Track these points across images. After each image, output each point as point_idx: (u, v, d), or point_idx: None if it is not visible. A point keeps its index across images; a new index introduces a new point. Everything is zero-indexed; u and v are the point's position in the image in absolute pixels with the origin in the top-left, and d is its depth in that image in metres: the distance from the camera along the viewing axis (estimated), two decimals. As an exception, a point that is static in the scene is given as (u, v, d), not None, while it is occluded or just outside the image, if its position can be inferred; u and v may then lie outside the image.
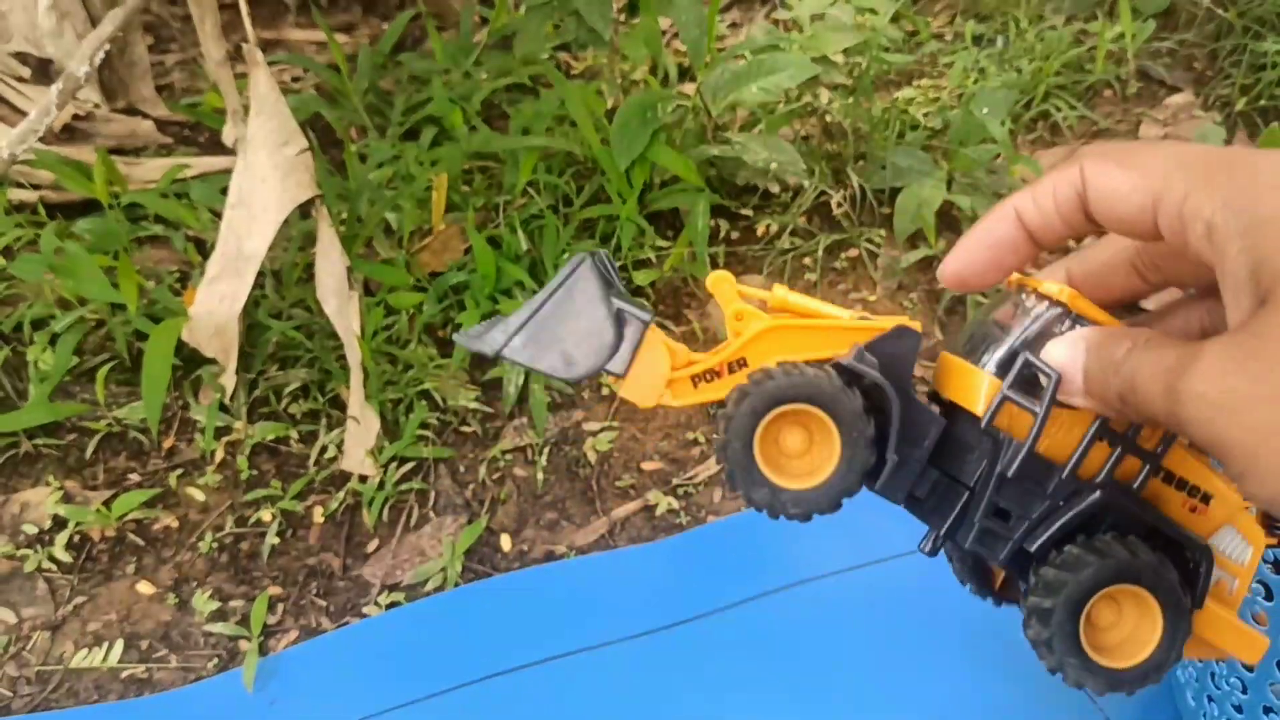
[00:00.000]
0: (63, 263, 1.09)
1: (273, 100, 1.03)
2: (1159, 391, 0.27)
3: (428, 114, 1.46)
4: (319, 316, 1.13)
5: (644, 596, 0.94)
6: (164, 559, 1.02)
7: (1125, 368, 0.28)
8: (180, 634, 0.95)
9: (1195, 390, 0.26)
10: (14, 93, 1.49)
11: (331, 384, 1.12)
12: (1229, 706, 0.70)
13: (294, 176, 1.03)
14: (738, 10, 1.90)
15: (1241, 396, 0.25)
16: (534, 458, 1.09)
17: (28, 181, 1.30)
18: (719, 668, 0.87)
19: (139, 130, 1.54)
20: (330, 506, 1.05)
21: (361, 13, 1.99)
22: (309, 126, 1.43)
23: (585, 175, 1.33)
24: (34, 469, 1.09)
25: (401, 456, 1.06)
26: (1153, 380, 0.27)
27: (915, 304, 1.26)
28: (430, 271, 1.24)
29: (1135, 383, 0.28)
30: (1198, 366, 0.26)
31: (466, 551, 1.00)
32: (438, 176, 1.26)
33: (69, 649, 0.95)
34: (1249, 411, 0.24)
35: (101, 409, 1.11)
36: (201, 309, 1.06)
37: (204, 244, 1.26)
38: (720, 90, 1.30)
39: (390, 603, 0.96)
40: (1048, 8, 1.72)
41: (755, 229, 1.37)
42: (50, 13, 1.35)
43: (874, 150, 1.39)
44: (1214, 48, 1.60)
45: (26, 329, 1.13)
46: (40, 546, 1.01)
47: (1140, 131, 1.49)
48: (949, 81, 1.58)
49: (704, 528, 1.00)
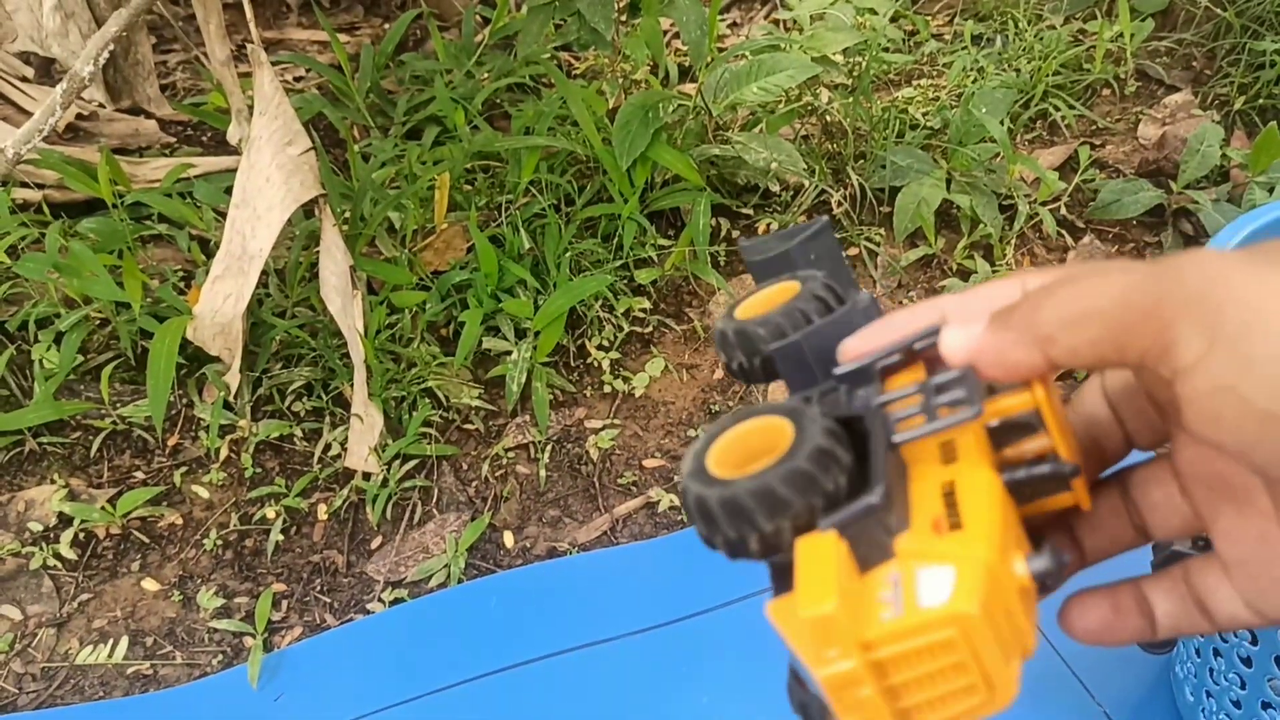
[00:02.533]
0: (67, 262, 1.10)
1: (277, 100, 1.04)
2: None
3: (430, 113, 1.47)
4: (323, 315, 1.14)
5: (646, 593, 0.94)
6: (169, 556, 1.03)
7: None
8: (185, 630, 0.96)
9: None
10: (18, 92, 1.50)
11: (335, 382, 1.13)
12: (1227, 701, 0.71)
13: (298, 176, 1.03)
14: (738, 10, 1.90)
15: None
16: (536, 455, 1.10)
17: (32, 181, 1.31)
18: (721, 664, 0.88)
19: (142, 130, 1.54)
20: (334, 504, 1.05)
21: (363, 13, 2.00)
22: (312, 126, 1.43)
23: (587, 175, 1.34)
24: (39, 467, 1.10)
25: (405, 454, 1.06)
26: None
27: (914, 302, 1.26)
28: (433, 270, 1.24)
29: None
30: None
31: (469, 548, 1.00)
32: (440, 176, 1.27)
33: (74, 646, 0.95)
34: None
35: (106, 407, 1.11)
36: (206, 308, 1.07)
37: (208, 243, 1.27)
38: (721, 90, 1.31)
39: (394, 599, 0.96)
40: (1046, 8, 1.72)
41: (756, 228, 1.37)
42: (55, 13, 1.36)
43: (873, 149, 1.39)
44: (1212, 47, 1.61)
45: (31, 327, 1.13)
46: (45, 544, 1.02)
47: (1139, 130, 1.50)
48: (948, 81, 1.59)
49: (705, 525, 1.01)
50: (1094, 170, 1.42)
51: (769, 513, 0.26)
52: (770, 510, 0.26)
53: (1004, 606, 0.25)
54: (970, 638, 0.24)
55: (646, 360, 1.20)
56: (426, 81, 1.56)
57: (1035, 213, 1.32)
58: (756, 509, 0.26)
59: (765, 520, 0.26)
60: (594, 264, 1.24)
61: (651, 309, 1.25)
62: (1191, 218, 1.30)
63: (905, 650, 0.24)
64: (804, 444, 0.26)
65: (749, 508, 0.26)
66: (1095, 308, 0.23)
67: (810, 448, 0.26)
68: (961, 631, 0.24)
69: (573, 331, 1.21)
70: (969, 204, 1.29)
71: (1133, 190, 1.32)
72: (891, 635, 0.24)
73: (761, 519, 0.26)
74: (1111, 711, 0.82)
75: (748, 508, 0.26)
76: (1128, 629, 0.28)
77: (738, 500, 0.26)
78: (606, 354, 1.19)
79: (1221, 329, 0.22)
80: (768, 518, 0.26)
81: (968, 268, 1.27)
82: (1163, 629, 0.29)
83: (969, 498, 0.26)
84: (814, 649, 0.24)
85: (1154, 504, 0.30)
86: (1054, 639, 0.80)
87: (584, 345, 1.20)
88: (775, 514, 0.26)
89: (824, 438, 0.26)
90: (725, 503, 0.26)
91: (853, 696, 0.25)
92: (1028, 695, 0.90)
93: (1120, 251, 1.32)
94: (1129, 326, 0.23)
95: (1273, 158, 1.25)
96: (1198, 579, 0.28)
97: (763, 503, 0.26)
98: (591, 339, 1.20)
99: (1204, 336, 0.22)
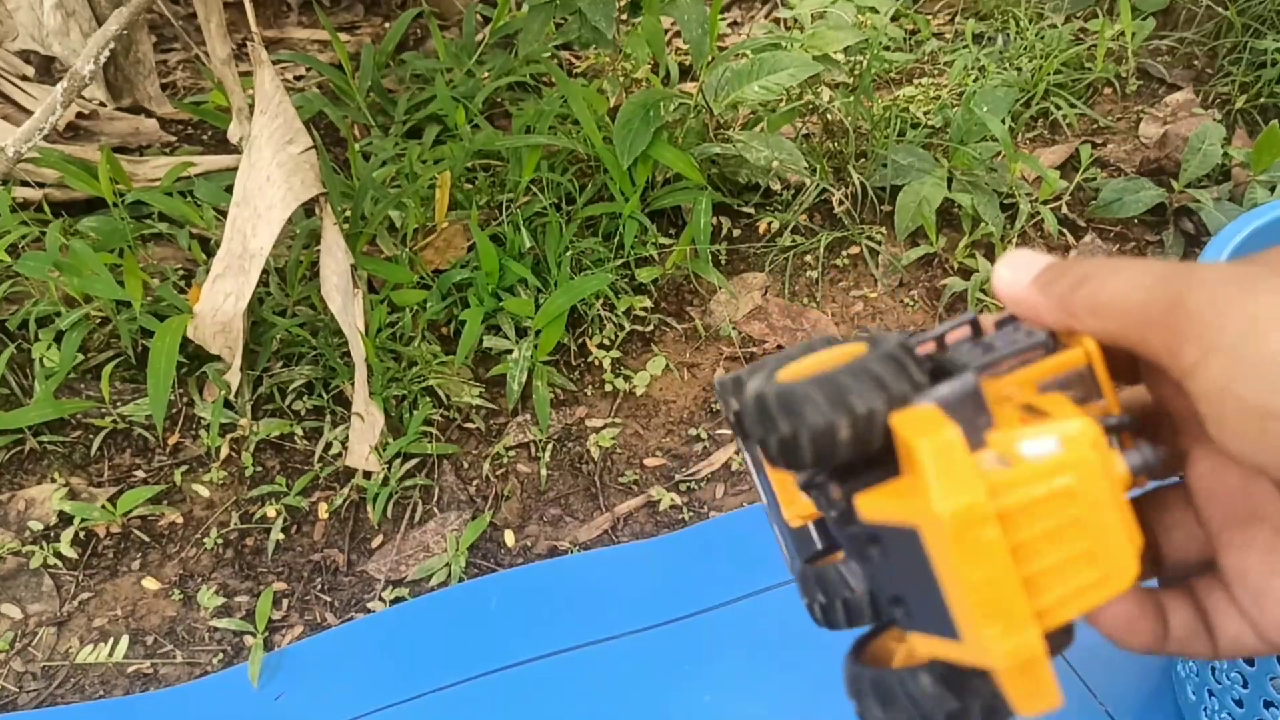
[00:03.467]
0: (68, 260, 1.10)
1: (278, 99, 1.04)
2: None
3: (431, 112, 1.47)
4: (323, 314, 1.14)
5: (647, 591, 0.94)
6: (169, 555, 1.02)
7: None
8: (185, 629, 0.96)
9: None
10: (18, 91, 1.49)
11: (336, 381, 1.13)
12: (1229, 701, 0.70)
13: (299, 175, 1.03)
14: (738, 9, 1.90)
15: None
16: (537, 454, 1.09)
17: (33, 180, 1.31)
18: (722, 662, 0.88)
19: (142, 128, 1.54)
20: (335, 502, 1.05)
21: (364, 12, 2.00)
22: (312, 125, 1.43)
23: (588, 173, 1.34)
24: (39, 465, 1.10)
25: (405, 453, 1.06)
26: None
27: (916, 301, 1.26)
28: (434, 269, 1.24)
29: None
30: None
31: (470, 547, 1.00)
32: (441, 175, 1.26)
33: (75, 644, 0.95)
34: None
35: (106, 406, 1.11)
36: (206, 306, 1.07)
37: (208, 242, 1.27)
38: (722, 89, 1.31)
39: (395, 598, 0.96)
40: (1047, 6, 1.72)
41: (757, 227, 1.37)
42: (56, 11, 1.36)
43: (875, 148, 1.39)
44: (1214, 45, 1.61)
45: (32, 326, 1.13)
46: (46, 543, 1.02)
47: (1140, 129, 1.50)
48: (949, 80, 1.58)
49: (706, 523, 1.01)
50: (1095, 169, 1.42)
51: (865, 390, 0.24)
52: (867, 387, 0.24)
53: (1111, 481, 0.24)
54: (1090, 490, 0.23)
55: (647, 359, 1.19)
56: (427, 80, 1.56)
57: (1037, 211, 1.32)
58: (854, 386, 0.24)
59: (860, 399, 0.24)
60: (595, 263, 1.24)
61: (652, 308, 1.25)
62: (1193, 216, 1.30)
63: (1028, 499, 0.23)
64: (888, 343, 0.26)
65: (845, 386, 0.24)
66: (1119, 304, 0.26)
67: (896, 343, 0.25)
68: (1080, 479, 0.23)
69: (574, 330, 1.21)
70: (970, 203, 1.29)
71: (1134, 189, 1.32)
72: (1012, 482, 0.23)
73: (856, 399, 0.24)
74: (1113, 711, 0.82)
75: (844, 386, 0.24)
76: (1148, 631, 0.28)
77: (834, 380, 0.24)
78: (607, 353, 1.19)
79: (1221, 333, 0.23)
80: (862, 396, 0.24)
81: (969, 266, 1.27)
82: (1173, 641, 0.29)
83: (1052, 407, 0.26)
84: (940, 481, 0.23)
85: (1167, 526, 0.30)
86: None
87: (585, 344, 1.20)
88: (871, 392, 0.24)
89: (902, 337, 0.26)
90: (818, 385, 0.24)
91: (976, 539, 0.23)
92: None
93: (1121, 250, 1.32)
94: (1144, 325, 0.25)
95: (1274, 157, 1.25)
96: (1205, 596, 0.29)
97: (860, 379, 0.24)
98: (592, 338, 1.20)
99: (1204, 340, 0.23)
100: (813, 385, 0.25)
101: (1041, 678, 0.23)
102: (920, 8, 1.83)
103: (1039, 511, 0.23)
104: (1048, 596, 0.23)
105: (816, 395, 0.24)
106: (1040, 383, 0.27)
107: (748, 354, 1.20)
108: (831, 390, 0.24)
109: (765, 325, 1.23)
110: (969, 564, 0.23)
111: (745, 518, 1.01)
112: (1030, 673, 0.23)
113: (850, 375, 0.24)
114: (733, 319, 1.24)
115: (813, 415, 0.24)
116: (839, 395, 0.24)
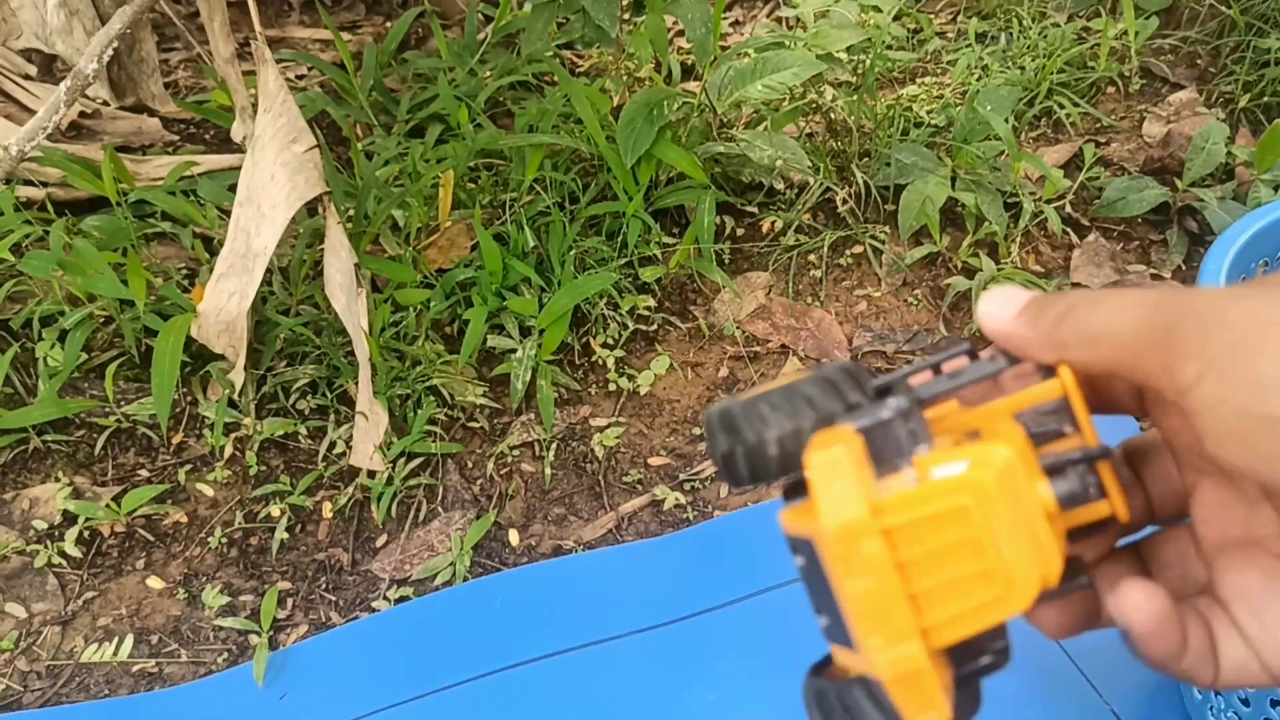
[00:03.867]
0: (72, 259, 1.09)
1: (281, 97, 1.04)
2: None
3: (433, 111, 1.46)
4: (327, 313, 1.14)
5: (651, 591, 0.94)
6: (174, 554, 1.02)
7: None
8: (190, 629, 0.96)
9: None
10: (21, 90, 1.49)
11: (340, 380, 1.13)
12: (1235, 700, 0.70)
13: (302, 174, 1.03)
14: (740, 9, 1.90)
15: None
16: (542, 453, 1.09)
17: (36, 179, 1.31)
18: (726, 661, 0.88)
19: (145, 128, 1.54)
20: (339, 502, 1.05)
21: (365, 11, 2.00)
22: (315, 124, 1.43)
23: (591, 172, 1.34)
24: (44, 465, 1.10)
25: (410, 452, 1.06)
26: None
27: (919, 300, 1.26)
28: (437, 268, 1.24)
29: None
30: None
31: (475, 546, 1.00)
32: (444, 174, 1.26)
33: (79, 644, 0.95)
34: None
35: (110, 405, 1.11)
36: (210, 305, 1.07)
37: (212, 241, 1.27)
38: (725, 88, 1.31)
39: (399, 597, 0.96)
40: (1050, 5, 1.72)
41: (760, 226, 1.37)
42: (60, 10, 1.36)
43: (878, 147, 1.39)
44: (1217, 44, 1.61)
45: (36, 325, 1.13)
46: (50, 542, 1.02)
47: (1144, 128, 1.49)
48: (952, 79, 1.58)
49: (711, 522, 1.01)
50: (1099, 168, 1.42)
51: (790, 410, 0.26)
52: (792, 408, 0.26)
53: (1023, 506, 0.24)
54: (985, 510, 0.23)
55: (651, 358, 1.19)
56: (429, 79, 1.56)
57: (1040, 210, 1.31)
58: (782, 405, 0.26)
59: (786, 419, 0.26)
60: (598, 262, 1.24)
61: (656, 307, 1.25)
62: (1197, 215, 1.30)
63: (916, 517, 0.23)
64: (831, 366, 0.27)
65: (776, 404, 0.26)
66: (1111, 332, 0.26)
67: (836, 365, 0.27)
68: (976, 500, 0.23)
69: (577, 329, 1.21)
70: (974, 202, 1.29)
71: (1138, 188, 1.32)
72: (903, 501, 0.24)
73: (781, 419, 0.26)
74: (1119, 710, 0.82)
75: (775, 404, 0.26)
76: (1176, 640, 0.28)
77: (768, 398, 0.26)
78: (611, 352, 1.19)
79: (1214, 352, 0.24)
80: (789, 416, 0.25)
81: (973, 265, 1.27)
82: (1189, 656, 0.28)
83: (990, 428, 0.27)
84: (826, 500, 0.24)
85: (1165, 563, 0.31)
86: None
87: (589, 343, 1.20)
88: (797, 412, 0.26)
89: (850, 365, 0.27)
90: (748, 406, 0.26)
91: (857, 553, 0.23)
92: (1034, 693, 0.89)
93: (1125, 249, 1.32)
94: (1139, 351, 0.25)
95: (1278, 156, 1.25)
96: (1210, 617, 0.29)
97: (789, 400, 0.26)
98: (596, 337, 1.20)
99: (1198, 358, 0.24)
100: (746, 404, 0.26)
101: (927, 689, 0.24)
102: (923, 6, 1.83)
103: (930, 530, 0.24)
104: (937, 613, 0.24)
105: (748, 413, 0.26)
106: (1017, 413, 0.28)
107: (751, 353, 1.20)
108: (758, 412, 0.26)
109: (769, 324, 1.23)
110: (851, 576, 0.24)
111: (750, 517, 1.01)
112: (915, 684, 0.24)
113: (783, 394, 0.26)
114: (736, 318, 1.24)
115: (746, 432, 0.26)
116: (767, 414, 0.26)
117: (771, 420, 0.26)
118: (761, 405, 0.26)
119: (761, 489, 1.05)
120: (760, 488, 1.05)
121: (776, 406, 0.26)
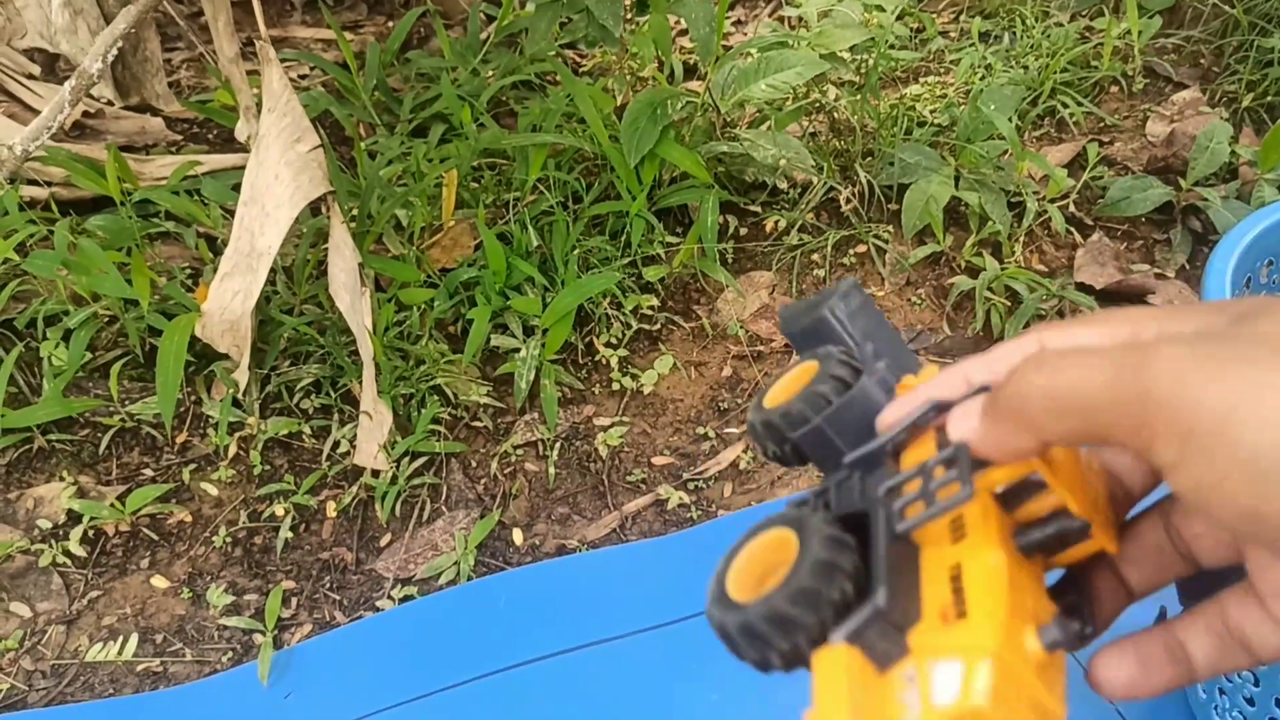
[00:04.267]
0: (76, 259, 1.10)
1: (285, 97, 1.04)
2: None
3: (436, 111, 1.46)
4: (331, 312, 1.14)
5: (655, 590, 0.94)
6: (178, 553, 1.03)
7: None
8: (195, 628, 0.96)
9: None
10: (25, 90, 1.50)
11: (344, 379, 1.13)
12: (1240, 699, 0.70)
13: (306, 173, 1.03)
14: (743, 8, 1.90)
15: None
16: (545, 452, 1.10)
17: (40, 178, 1.31)
18: (730, 661, 0.87)
19: (149, 127, 1.54)
20: (343, 501, 1.05)
21: (367, 10, 2.00)
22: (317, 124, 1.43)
23: (594, 172, 1.34)
24: (48, 464, 1.10)
25: (413, 451, 1.06)
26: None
27: (923, 300, 1.26)
28: (441, 268, 1.24)
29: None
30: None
31: (478, 545, 1.00)
32: (447, 173, 1.27)
33: (84, 643, 0.95)
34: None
35: (115, 404, 1.11)
36: (214, 305, 1.07)
37: (215, 240, 1.27)
38: (728, 87, 1.31)
39: (403, 596, 0.96)
40: (1053, 4, 1.72)
41: (764, 225, 1.37)
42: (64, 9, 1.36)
43: (881, 147, 1.39)
44: (1220, 44, 1.60)
45: (40, 325, 1.13)
46: (55, 541, 1.02)
47: (1148, 127, 1.49)
48: (956, 78, 1.58)
49: (715, 522, 1.01)
50: (1102, 167, 1.42)
51: (783, 633, 0.27)
52: (783, 631, 0.27)
53: (1019, 688, 0.25)
54: (997, 709, 0.24)
55: (655, 358, 1.20)
56: (432, 79, 1.56)
57: (1044, 210, 1.31)
58: (770, 632, 0.27)
59: (781, 640, 0.27)
60: (602, 261, 1.24)
61: (660, 306, 1.25)
62: (1200, 215, 1.30)
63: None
64: (806, 559, 0.28)
65: (764, 631, 0.27)
66: (1076, 404, 0.24)
67: (811, 562, 0.27)
68: (992, 706, 0.24)
69: (581, 329, 1.21)
70: (977, 201, 1.29)
71: (1141, 187, 1.32)
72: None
73: (778, 640, 0.27)
74: (1123, 709, 0.82)
75: (763, 631, 0.27)
76: (1160, 680, 0.28)
77: (752, 625, 0.27)
78: (615, 351, 1.19)
79: (1195, 429, 0.22)
80: (782, 638, 0.27)
81: (976, 265, 1.27)
82: (1203, 671, 0.28)
83: (974, 582, 0.27)
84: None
85: (1197, 534, 0.30)
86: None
87: (592, 343, 1.20)
88: (788, 634, 0.27)
89: (825, 549, 0.27)
90: (742, 629, 0.28)
91: None
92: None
93: (1129, 249, 1.32)
94: (1109, 425, 0.24)
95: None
96: (1236, 613, 0.28)
97: (775, 625, 0.27)
98: (600, 336, 1.20)
99: (1179, 435, 0.23)
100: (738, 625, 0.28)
101: None
102: (926, 6, 1.83)
103: None
104: None
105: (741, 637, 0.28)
106: (994, 490, 0.28)
107: (755, 352, 1.20)
108: (751, 633, 0.28)
109: (772, 324, 1.23)
110: None
111: (753, 516, 1.01)
112: None
113: (788, 600, 0.27)
114: (740, 317, 1.24)
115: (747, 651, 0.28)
116: (759, 637, 0.28)
117: (767, 642, 0.27)
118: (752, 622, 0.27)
119: (764, 489, 1.05)
120: (761, 488, 1.05)
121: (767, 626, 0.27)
